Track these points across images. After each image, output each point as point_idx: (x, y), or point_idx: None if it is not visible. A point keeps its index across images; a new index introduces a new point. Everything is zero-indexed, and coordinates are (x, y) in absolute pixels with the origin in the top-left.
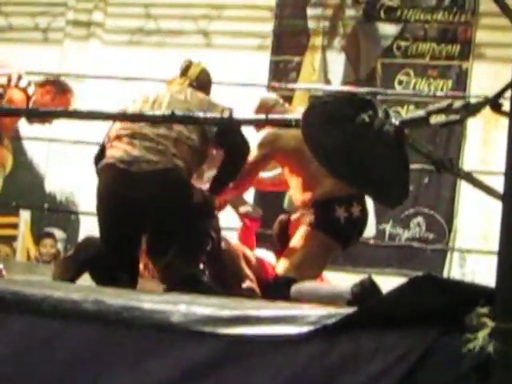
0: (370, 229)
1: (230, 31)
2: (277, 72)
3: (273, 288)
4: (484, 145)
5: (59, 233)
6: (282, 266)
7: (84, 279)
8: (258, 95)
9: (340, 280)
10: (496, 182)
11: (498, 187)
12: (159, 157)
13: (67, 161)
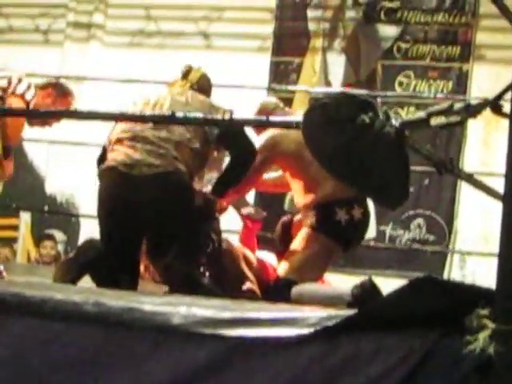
0: (371, 230)
1: (231, 33)
2: (277, 74)
3: (273, 290)
4: (484, 146)
5: (59, 234)
6: (283, 268)
7: (85, 281)
8: (259, 97)
9: (340, 282)
10: (496, 184)
11: (499, 189)
12: (160, 160)
13: (67, 162)
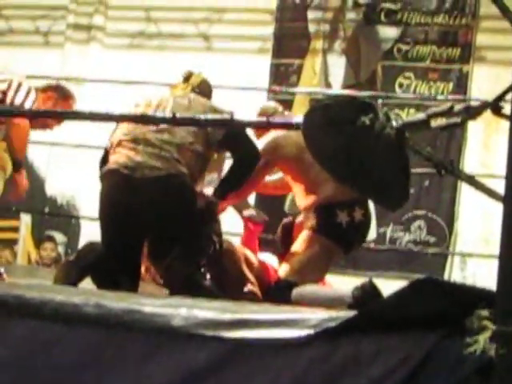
0: (371, 232)
1: (231, 35)
2: (277, 75)
3: (274, 291)
4: (484, 148)
5: (60, 236)
6: (284, 270)
7: (85, 283)
8: (259, 99)
9: (341, 283)
10: (497, 185)
11: (499, 190)
12: (162, 163)
13: (68, 164)
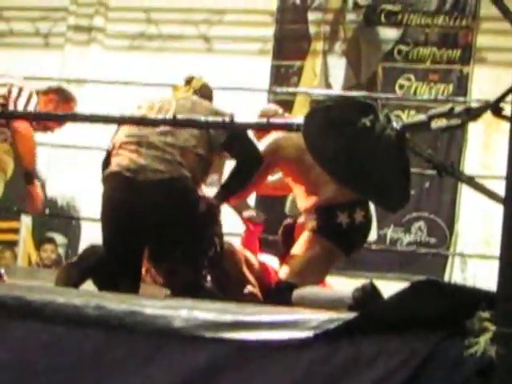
0: (372, 233)
1: (231, 36)
2: (278, 77)
3: (274, 293)
4: (485, 149)
5: (60, 238)
6: (284, 271)
7: (86, 284)
8: (259, 100)
9: (341, 285)
10: (497, 187)
11: (499, 191)
12: (165, 166)
13: (68, 166)
